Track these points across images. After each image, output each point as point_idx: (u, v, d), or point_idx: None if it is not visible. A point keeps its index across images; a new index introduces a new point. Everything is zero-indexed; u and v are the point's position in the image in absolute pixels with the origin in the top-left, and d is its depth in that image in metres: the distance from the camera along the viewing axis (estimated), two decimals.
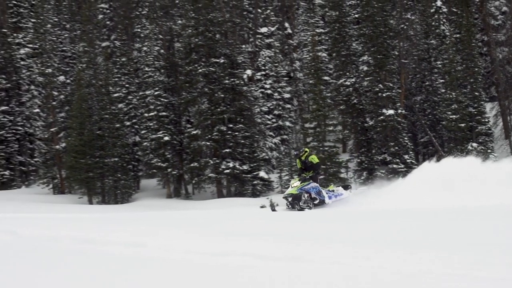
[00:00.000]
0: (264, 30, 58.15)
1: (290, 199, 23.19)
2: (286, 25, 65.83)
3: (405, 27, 55.95)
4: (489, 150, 46.34)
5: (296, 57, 64.95)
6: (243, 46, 58.73)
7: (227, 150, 48.93)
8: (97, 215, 23.70)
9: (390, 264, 8.46)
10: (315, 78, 49.05)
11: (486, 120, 48.77)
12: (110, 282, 7.80)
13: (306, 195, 22.94)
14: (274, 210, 23.06)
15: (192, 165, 49.80)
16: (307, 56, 56.34)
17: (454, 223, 14.46)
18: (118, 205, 47.47)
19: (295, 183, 23.32)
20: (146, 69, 53.73)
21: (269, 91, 55.76)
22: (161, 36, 55.35)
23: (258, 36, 59.51)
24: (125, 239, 11.34)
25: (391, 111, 48.38)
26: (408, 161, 47.44)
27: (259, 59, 57.21)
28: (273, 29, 58.72)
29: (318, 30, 58.36)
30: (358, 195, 25.20)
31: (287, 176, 47.94)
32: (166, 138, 50.67)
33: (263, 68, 56.45)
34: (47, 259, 9.57)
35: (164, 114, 51.39)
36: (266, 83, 56.00)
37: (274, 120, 55.27)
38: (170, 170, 50.91)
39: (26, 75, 59.11)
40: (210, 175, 49.33)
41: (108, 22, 66.04)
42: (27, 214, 23.67)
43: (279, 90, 56.07)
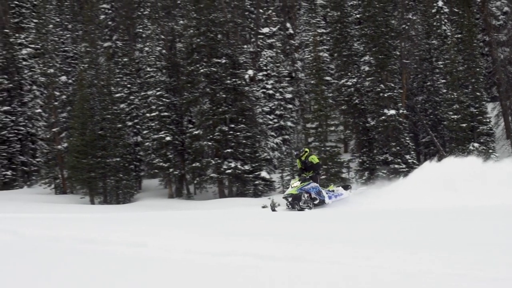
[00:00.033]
0: (265, 30, 58.24)
1: (290, 199, 23.19)
2: (288, 25, 65.89)
3: (406, 27, 55.93)
4: (490, 150, 46.27)
5: (297, 57, 65.02)
6: (245, 46, 58.73)
7: (229, 150, 48.95)
8: (98, 215, 23.73)
9: (390, 264, 8.41)
10: (317, 78, 49.09)
11: (488, 120, 48.69)
12: (111, 282, 7.80)
13: (306, 195, 22.92)
14: (274, 210, 23.10)
15: (193, 165, 49.89)
16: (309, 56, 56.30)
17: (454, 223, 14.42)
18: (120, 205, 47.52)
19: (295, 183, 23.32)
20: (148, 69, 53.86)
21: (270, 91, 55.80)
22: (163, 36, 55.40)
23: (259, 36, 59.62)
24: (126, 239, 11.32)
25: (393, 111, 48.36)
26: (409, 161, 47.39)
27: (261, 59, 57.25)
28: (274, 29, 58.82)
29: (319, 30, 58.37)
30: (358, 195, 25.17)
31: (289, 176, 48.02)
32: (168, 138, 50.77)
33: (265, 68, 56.48)
34: (48, 259, 9.57)
35: (166, 114, 51.49)
36: (267, 83, 56.04)
37: (275, 120, 55.30)
38: (172, 170, 51.00)
39: (28, 75, 59.25)
40: (211, 175, 49.35)
41: (110, 23, 66.14)
42: (29, 214, 23.69)
43: (281, 90, 56.10)
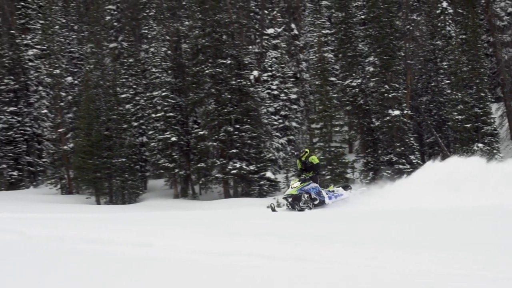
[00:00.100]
0: (270, 31, 58.25)
1: (290, 200, 23.07)
2: (293, 26, 65.82)
3: (411, 28, 55.87)
4: (494, 151, 46.26)
5: (302, 58, 64.94)
6: (250, 47, 58.61)
7: (234, 151, 48.98)
8: (104, 215, 23.66)
9: (390, 264, 8.43)
10: (322, 79, 49.11)
11: (492, 120, 48.62)
12: (116, 282, 7.83)
13: (306, 196, 22.80)
14: (274, 210, 23.14)
15: (199, 165, 49.89)
16: (314, 57, 56.40)
17: (454, 223, 14.39)
18: (125, 205, 47.52)
19: (295, 184, 23.18)
20: (154, 70, 53.83)
21: (275, 92, 55.82)
22: (168, 37, 55.47)
23: (264, 37, 59.61)
24: (131, 239, 11.32)
25: (397, 112, 48.34)
26: (414, 161, 47.31)
27: (266, 60, 57.26)
28: (279, 30, 58.82)
29: (324, 31, 58.37)
30: (358, 196, 25.04)
31: (294, 176, 48.06)
32: (173, 139, 50.78)
33: (270, 69, 56.50)
34: (55, 259, 9.60)
35: (171, 114, 51.52)
36: (272, 84, 56.05)
37: (280, 120, 55.31)
38: (177, 170, 51.02)
39: (34, 76, 59.30)
40: (217, 176, 49.34)
41: (115, 24, 66.13)
42: (35, 214, 23.63)
43: (286, 91, 56.13)
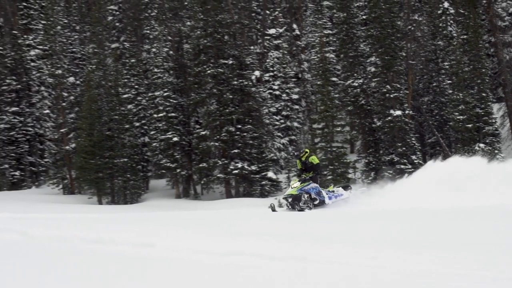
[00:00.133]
0: (272, 31, 58.27)
1: (290, 200, 23.07)
2: (294, 26, 65.81)
3: (412, 29, 55.92)
4: (496, 151, 46.30)
5: (304, 58, 64.97)
6: (252, 47, 58.69)
7: (236, 151, 49.00)
8: (106, 215, 23.52)
9: (390, 264, 8.41)
10: (323, 79, 49.13)
11: (493, 121, 48.66)
12: (118, 282, 7.81)
13: (306, 196, 22.82)
14: (274, 210, 23.09)
15: (200, 165, 49.96)
16: (315, 57, 56.38)
17: (454, 223, 14.38)
18: (127, 205, 47.55)
19: (295, 184, 23.22)
20: (155, 70, 53.87)
21: (277, 92, 55.84)
22: (170, 37, 55.49)
23: (266, 37, 59.63)
24: (133, 239, 11.24)
25: (399, 112, 48.38)
26: (415, 161, 47.35)
27: (268, 60, 57.26)
28: (281, 30, 58.85)
29: (326, 32, 58.50)
30: (358, 196, 25.01)
31: (295, 176, 48.05)
32: (175, 139, 50.86)
33: (271, 69, 56.50)
34: (57, 259, 9.58)
35: (173, 115, 51.58)
36: (274, 84, 56.07)
37: (282, 121, 55.32)
38: (179, 170, 51.07)
39: (36, 77, 59.36)
40: (218, 176, 49.35)
41: (117, 24, 66.13)
42: (37, 214, 23.50)
43: (287, 91, 56.14)
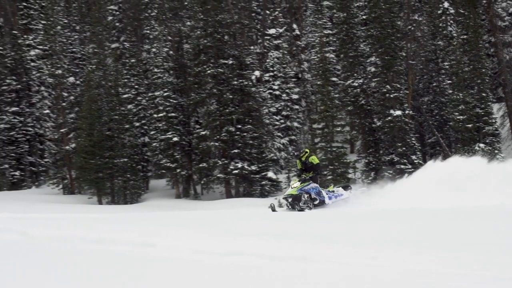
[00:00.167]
0: (272, 31, 58.28)
1: (290, 200, 23.05)
2: (294, 26, 65.83)
3: (412, 29, 55.96)
4: (496, 151, 46.32)
5: (304, 58, 64.98)
6: (252, 47, 58.69)
7: (236, 151, 49.00)
8: (106, 215, 23.47)
9: (390, 264, 8.44)
10: (323, 79, 49.15)
11: (493, 121, 48.69)
12: (119, 282, 7.83)
13: (306, 196, 22.79)
14: (274, 210, 23.05)
15: (200, 165, 49.98)
16: (315, 57, 56.40)
17: (454, 223, 14.35)
18: (127, 205, 47.56)
19: (295, 184, 23.20)
20: (155, 70, 53.88)
21: (277, 92, 55.86)
22: (170, 37, 55.50)
23: (266, 37, 59.65)
24: (133, 239, 11.23)
25: (399, 112, 48.41)
26: (415, 161, 47.38)
27: (268, 60, 57.27)
28: (281, 30, 58.86)
29: (326, 32, 58.53)
30: (358, 196, 24.96)
31: (295, 176, 48.06)
32: (175, 139, 50.88)
33: (271, 69, 56.52)
34: (57, 259, 9.58)
35: (173, 115, 51.60)
36: (274, 84, 56.09)
37: (282, 121, 55.34)
38: (179, 170, 51.09)
39: (36, 77, 59.39)
40: (218, 176, 49.36)
41: (117, 24, 66.13)
42: (37, 214, 23.48)
43: (287, 91, 56.16)
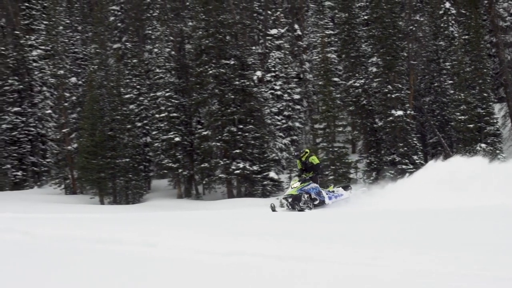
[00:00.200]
0: (274, 31, 58.29)
1: (290, 200, 23.13)
2: (296, 26, 65.92)
3: (414, 29, 56.06)
4: (497, 151, 46.37)
5: (305, 58, 65.01)
6: (253, 47, 58.66)
7: (237, 151, 49.01)
8: (108, 215, 23.46)
9: (390, 264, 8.45)
10: (325, 79, 49.17)
11: (495, 121, 48.72)
12: (120, 281, 7.87)
13: (306, 196, 22.91)
14: (274, 210, 23.04)
15: (202, 165, 49.97)
16: (317, 57, 56.40)
17: (456, 223, 14.30)
18: (129, 205, 47.55)
19: (295, 184, 23.35)
20: (157, 70, 53.86)
21: (279, 92, 55.89)
22: (172, 38, 55.47)
23: (268, 37, 59.63)
24: (135, 239, 11.26)
25: (400, 112, 48.45)
26: (417, 161, 47.41)
27: (269, 61, 57.28)
28: (283, 30, 58.88)
29: (327, 32, 58.56)
30: (358, 196, 24.95)
31: (296, 176, 48.06)
32: (177, 139, 50.89)
33: (273, 69, 56.53)
34: (58, 259, 9.63)
35: (175, 115, 51.62)
36: (276, 84, 56.11)
37: (284, 121, 55.36)
38: (180, 170, 51.09)
39: (39, 77, 59.48)
40: (220, 176, 49.38)
41: (119, 24, 66.08)
42: (39, 214, 23.49)
43: (289, 91, 56.17)
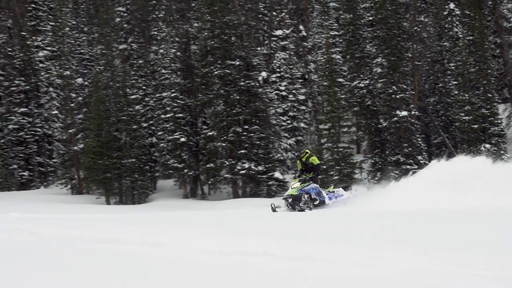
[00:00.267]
0: (279, 32, 58.25)
1: (290, 200, 23.11)
2: (301, 27, 65.85)
3: (418, 30, 55.99)
4: (501, 151, 46.41)
5: (310, 59, 65.00)
6: (258, 48, 58.60)
7: (243, 151, 48.97)
8: (114, 215, 23.39)
9: (390, 264, 8.55)
10: (330, 80, 49.15)
11: (499, 121, 48.75)
12: (125, 281, 7.96)
13: (306, 196, 22.89)
14: (274, 210, 23.02)
15: (208, 166, 49.95)
16: (322, 58, 56.34)
17: (456, 223, 14.33)
18: (135, 205, 47.47)
19: (295, 184, 23.24)
20: (163, 71, 53.87)
21: (284, 93, 55.85)
22: (177, 38, 55.50)
23: (273, 38, 59.61)
24: (141, 239, 11.38)
25: (405, 113, 48.49)
26: (421, 162, 47.40)
27: (274, 61, 57.22)
28: (288, 31, 58.84)
29: (332, 33, 58.62)
30: (359, 196, 24.94)
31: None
32: (183, 139, 50.90)
33: (278, 70, 56.49)
34: (65, 259, 9.76)
35: (180, 115, 51.65)
36: (281, 85, 56.07)
37: (289, 121, 55.30)
38: (186, 171, 51.08)
39: (45, 77, 59.56)
40: (225, 176, 49.29)
41: (125, 25, 66.08)
42: (46, 214, 23.52)
43: (294, 92, 56.12)
